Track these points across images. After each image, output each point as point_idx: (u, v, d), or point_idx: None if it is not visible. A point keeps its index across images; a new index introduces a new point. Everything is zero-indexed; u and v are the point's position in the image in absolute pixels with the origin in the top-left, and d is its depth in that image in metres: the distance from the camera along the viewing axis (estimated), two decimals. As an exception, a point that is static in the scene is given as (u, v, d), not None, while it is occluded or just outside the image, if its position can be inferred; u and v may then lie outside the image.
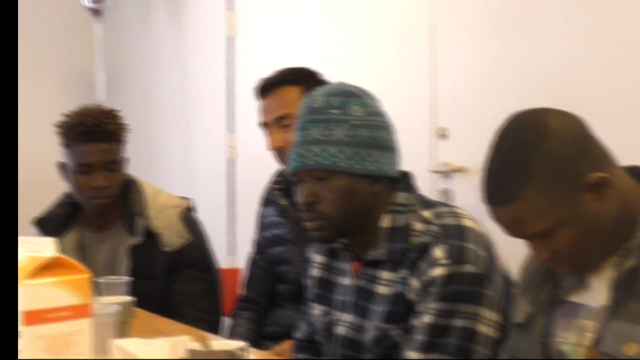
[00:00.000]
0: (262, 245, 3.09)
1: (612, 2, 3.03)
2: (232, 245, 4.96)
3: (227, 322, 3.23)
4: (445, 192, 3.63)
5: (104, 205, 3.04)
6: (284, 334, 2.91)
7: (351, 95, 2.21)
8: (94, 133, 3.00)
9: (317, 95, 2.23)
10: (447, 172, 3.64)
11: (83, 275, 1.49)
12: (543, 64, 3.28)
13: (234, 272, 3.73)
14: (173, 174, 5.46)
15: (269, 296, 3.07)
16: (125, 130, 3.10)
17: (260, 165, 4.66)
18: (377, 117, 2.22)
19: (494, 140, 1.80)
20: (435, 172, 3.66)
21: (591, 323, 1.76)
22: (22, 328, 1.43)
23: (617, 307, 1.71)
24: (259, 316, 3.07)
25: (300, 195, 2.21)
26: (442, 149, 3.67)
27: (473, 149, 3.55)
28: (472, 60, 3.57)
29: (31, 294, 1.44)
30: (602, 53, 3.07)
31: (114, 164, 3.04)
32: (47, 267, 1.47)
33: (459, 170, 3.59)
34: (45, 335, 1.44)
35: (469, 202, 3.43)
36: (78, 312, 1.47)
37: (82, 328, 1.48)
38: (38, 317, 1.44)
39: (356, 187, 2.18)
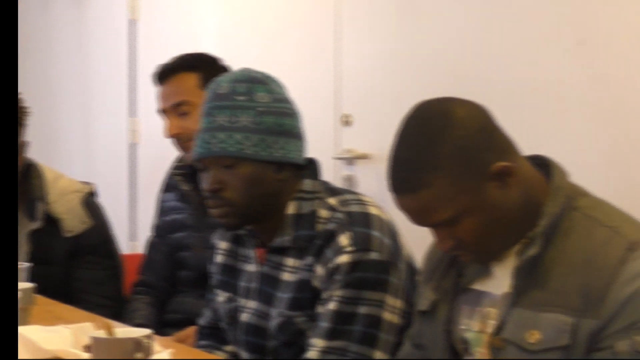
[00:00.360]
0: (162, 230, 3.07)
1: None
2: (133, 231, 4.91)
3: (129, 307, 3.19)
4: (349, 179, 3.65)
5: None
6: (185, 321, 2.89)
7: (257, 82, 2.20)
8: None
9: (223, 82, 2.22)
10: (351, 159, 3.65)
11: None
12: (445, 51, 3.31)
13: (135, 257, 3.69)
14: (73, 158, 5.39)
15: (169, 280, 3.04)
16: (25, 113, 3.03)
17: (162, 149, 4.62)
18: (284, 104, 2.22)
19: (400, 129, 1.81)
20: (339, 158, 3.67)
21: (494, 311, 1.79)
22: None
23: (519, 295, 1.73)
24: (158, 301, 3.05)
25: (206, 181, 2.19)
26: (345, 136, 3.69)
27: (376, 136, 3.58)
28: (375, 47, 3.59)
29: None
30: (502, 41, 3.11)
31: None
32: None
33: (362, 157, 3.61)
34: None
35: (372, 189, 3.45)
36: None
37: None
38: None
39: (262, 174, 2.17)
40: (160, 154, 4.65)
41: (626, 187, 2.73)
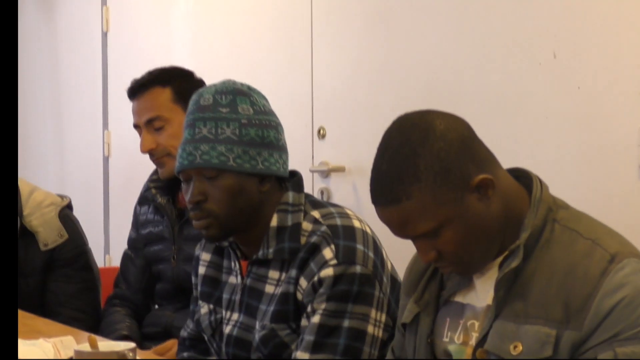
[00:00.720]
0: (138, 242, 3.06)
1: (486, 7, 3.09)
2: (107, 244, 4.89)
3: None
4: (324, 191, 3.66)
5: None
6: (163, 334, 2.89)
7: (240, 94, 2.21)
8: None
9: (206, 93, 2.21)
10: (326, 171, 3.66)
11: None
12: (418, 64, 3.33)
13: (110, 270, 3.68)
14: (45, 170, 5.36)
15: (144, 293, 3.04)
16: None
17: (134, 162, 4.62)
18: (267, 116, 2.22)
19: (381, 141, 1.81)
20: (315, 171, 3.68)
21: (476, 323, 1.80)
22: None
23: (501, 307, 1.74)
24: (134, 313, 3.04)
25: (189, 193, 2.19)
26: (320, 149, 3.70)
27: (350, 149, 3.59)
28: (348, 60, 3.60)
29: None
30: (476, 53, 3.13)
31: None
32: None
33: (336, 169, 3.62)
34: None
35: (347, 201, 3.47)
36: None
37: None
38: None
39: (245, 186, 2.17)
40: (132, 167, 4.65)
41: (599, 197, 2.76)
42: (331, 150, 3.66)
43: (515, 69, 3.01)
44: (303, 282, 2.15)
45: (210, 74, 2.96)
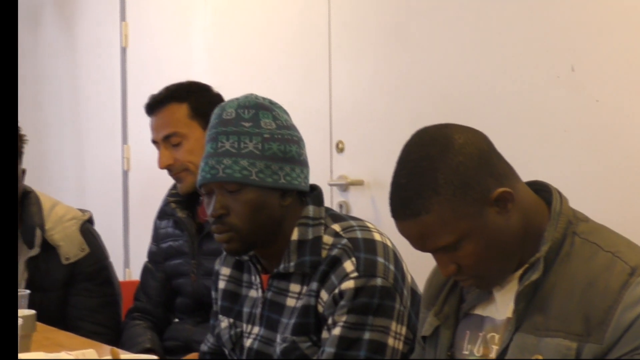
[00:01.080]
0: (158, 256, 3.07)
1: (503, 21, 3.10)
2: (127, 258, 4.91)
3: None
4: (343, 205, 3.66)
5: None
6: (184, 348, 2.90)
7: (263, 108, 2.22)
8: None
9: (229, 107, 2.23)
10: (344, 185, 3.67)
11: (-8, 289, 1.47)
12: (436, 78, 3.33)
13: (130, 284, 3.69)
14: (65, 184, 5.38)
15: (164, 307, 3.05)
16: (23, 141, 3.05)
17: (153, 176, 4.63)
18: (288, 131, 2.23)
19: (400, 155, 1.82)
20: (334, 185, 3.69)
21: (496, 335, 1.80)
22: None
23: (521, 320, 1.75)
24: (155, 327, 3.05)
25: (211, 207, 2.20)
26: (339, 162, 3.71)
27: (368, 162, 3.59)
28: (367, 75, 3.61)
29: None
30: (494, 67, 3.13)
31: None
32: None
33: (355, 183, 3.63)
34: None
35: (366, 215, 3.47)
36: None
37: (-10, 343, 1.45)
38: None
39: (266, 200, 2.18)
40: (151, 181, 4.67)
41: (617, 210, 2.76)
42: (350, 164, 3.67)
43: (533, 82, 3.01)
44: (324, 295, 2.16)
45: (229, 89, 2.98)
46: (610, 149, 2.81)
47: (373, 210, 3.54)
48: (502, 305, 1.82)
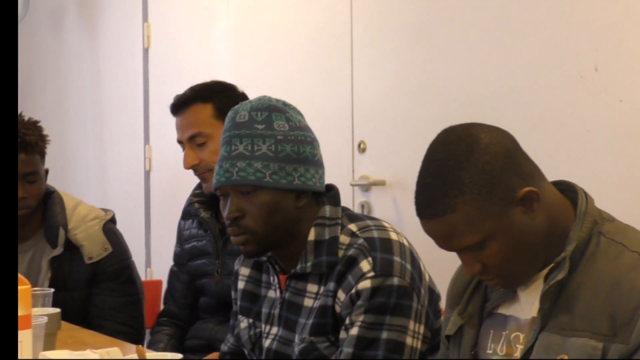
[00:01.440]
0: (182, 258, 3.08)
1: (526, 22, 3.09)
2: (149, 257, 4.93)
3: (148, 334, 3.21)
4: (365, 205, 3.66)
5: (22, 216, 3.00)
6: (206, 346, 2.91)
7: (276, 110, 2.22)
8: None
9: (242, 110, 2.23)
10: (366, 185, 3.67)
11: (24, 287, 1.48)
12: (459, 78, 3.33)
13: (151, 284, 3.71)
14: (87, 184, 5.40)
15: (190, 308, 3.06)
16: (46, 142, 3.07)
17: (175, 176, 4.66)
18: (302, 132, 2.23)
19: (426, 154, 1.82)
20: (356, 185, 3.69)
21: (520, 335, 1.80)
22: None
23: (546, 320, 1.74)
24: (180, 331, 3.06)
25: (226, 209, 2.21)
26: (361, 163, 3.71)
27: (390, 162, 3.60)
28: (389, 75, 3.61)
29: (-28, 305, 1.42)
30: (516, 67, 3.13)
31: (33, 176, 3.00)
32: (-12, 279, 1.47)
33: (377, 183, 3.63)
34: (-14, 347, 1.43)
35: (388, 215, 3.47)
36: (19, 323, 1.46)
37: (22, 339, 1.46)
38: (-22, 328, 1.42)
39: (281, 202, 2.19)
40: (173, 181, 4.68)
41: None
42: (371, 164, 3.67)
43: (556, 82, 3.00)
44: (341, 295, 2.16)
45: (251, 90, 2.98)
46: (634, 148, 2.81)
47: (395, 210, 3.54)
48: (526, 305, 1.81)
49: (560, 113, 3.00)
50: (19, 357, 1.45)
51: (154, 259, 4.90)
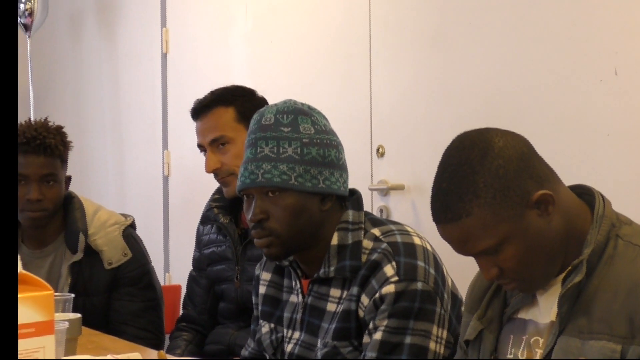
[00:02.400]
0: (201, 263, 3.09)
1: (546, 25, 3.09)
2: (167, 262, 4.94)
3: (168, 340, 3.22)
4: (383, 210, 3.67)
5: (37, 218, 3.02)
6: (226, 352, 2.92)
7: (301, 113, 2.23)
8: (31, 145, 3.00)
9: (268, 113, 2.24)
10: (385, 190, 3.67)
11: (46, 292, 1.49)
12: (478, 83, 3.33)
13: (170, 289, 3.72)
14: (106, 189, 5.42)
15: (210, 313, 3.06)
16: (67, 147, 3.09)
17: (193, 181, 4.67)
18: (327, 136, 2.24)
19: (441, 159, 1.83)
20: (374, 189, 3.69)
21: (540, 339, 1.80)
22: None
23: (565, 323, 1.74)
24: (199, 336, 3.07)
25: (250, 211, 2.22)
26: (379, 167, 3.71)
27: (409, 167, 3.59)
28: (408, 79, 3.61)
29: (-5, 310, 1.43)
30: (536, 71, 3.12)
31: (51, 178, 3.02)
32: (11, 284, 1.48)
33: (396, 188, 3.63)
34: (9, 352, 1.44)
35: (406, 220, 3.47)
36: (42, 328, 1.47)
37: (45, 345, 1.48)
38: (2, 333, 1.44)
39: (306, 205, 2.19)
40: (191, 186, 4.70)
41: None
42: (390, 169, 3.67)
43: (575, 86, 3.00)
44: (364, 300, 2.16)
45: (269, 95, 2.99)
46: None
47: (413, 215, 3.54)
48: (545, 309, 1.82)
49: (579, 116, 2.99)
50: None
51: (173, 264, 4.91)
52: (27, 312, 1.46)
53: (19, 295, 1.46)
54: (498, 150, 1.75)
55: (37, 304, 1.47)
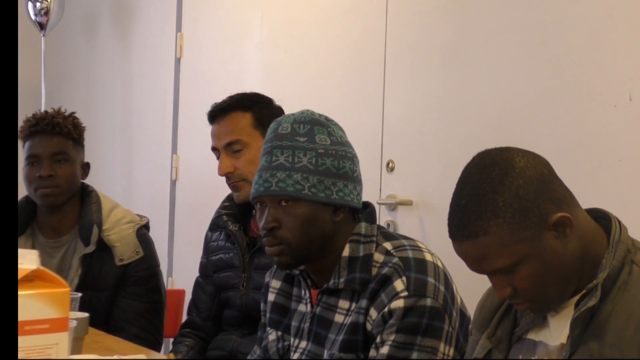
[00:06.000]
0: (208, 269, 3.09)
1: (561, 48, 3.09)
2: (170, 267, 4.94)
3: (168, 343, 3.22)
4: (390, 224, 3.66)
5: (50, 195, 3.04)
6: (228, 358, 2.91)
7: (318, 124, 2.23)
8: (40, 125, 3.06)
9: (284, 122, 2.25)
10: (393, 205, 3.67)
11: (62, 289, 1.49)
12: (489, 102, 3.33)
13: (173, 293, 3.72)
14: (113, 191, 5.41)
15: (214, 320, 3.06)
16: (78, 128, 3.12)
17: (200, 186, 4.67)
18: (343, 147, 2.24)
19: (460, 176, 1.83)
20: (382, 204, 3.69)
21: (550, 361, 1.80)
22: None
23: (576, 346, 1.74)
24: (201, 342, 3.06)
25: (263, 219, 2.22)
26: (389, 181, 3.71)
27: (418, 183, 3.59)
28: (420, 95, 3.61)
29: (11, 305, 1.43)
30: (549, 94, 3.12)
31: (61, 156, 3.07)
32: (28, 279, 1.48)
33: (404, 203, 3.63)
34: (23, 347, 1.44)
35: (413, 236, 3.42)
36: (56, 325, 1.47)
37: (59, 341, 1.48)
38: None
39: (318, 215, 2.20)
40: (199, 191, 4.70)
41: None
42: (399, 184, 3.67)
43: (590, 111, 3.00)
44: (373, 313, 2.16)
45: (282, 105, 3.00)
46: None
47: (421, 231, 3.54)
48: (556, 331, 1.81)
49: (592, 141, 2.99)
50: (55, 359, 1.46)
51: (176, 269, 4.91)
52: (43, 308, 1.46)
53: (35, 291, 1.47)
54: (519, 170, 1.76)
55: (53, 301, 1.47)
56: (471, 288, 2.29)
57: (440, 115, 3.52)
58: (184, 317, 3.24)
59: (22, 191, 3.14)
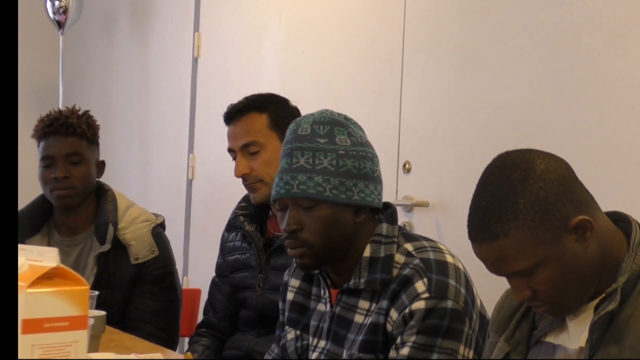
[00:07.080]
0: (224, 269, 3.09)
1: (579, 50, 3.08)
2: (186, 266, 4.94)
3: (183, 342, 3.22)
4: (407, 226, 3.66)
5: (66, 197, 3.05)
6: (244, 358, 2.91)
7: (338, 125, 2.23)
8: (54, 126, 3.05)
9: (304, 123, 2.24)
10: (409, 206, 3.66)
11: (82, 287, 1.50)
12: (506, 103, 3.32)
13: (188, 292, 3.72)
14: (129, 190, 5.40)
15: (230, 320, 3.06)
16: (93, 128, 3.12)
17: (216, 186, 4.67)
18: (363, 148, 2.24)
19: (481, 178, 1.82)
20: (399, 205, 3.68)
21: (568, 365, 1.80)
22: (19, 336, 1.43)
23: (595, 350, 1.73)
24: (217, 342, 3.07)
25: (284, 222, 2.22)
26: (405, 183, 3.70)
27: (435, 184, 3.59)
28: (437, 96, 3.60)
29: (30, 302, 1.43)
30: (567, 95, 3.11)
31: (76, 157, 3.06)
32: (47, 277, 1.48)
33: (420, 204, 3.62)
34: (42, 345, 1.43)
35: (429, 237, 3.45)
36: (75, 323, 1.47)
37: (78, 339, 1.48)
38: (36, 325, 1.43)
39: (340, 217, 2.19)
40: (215, 191, 4.70)
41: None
42: (416, 185, 3.66)
43: (608, 113, 2.99)
44: (394, 314, 2.16)
45: (299, 105, 2.99)
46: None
47: (437, 232, 3.53)
48: (574, 334, 1.81)
49: (610, 144, 2.98)
50: (73, 357, 1.46)
51: (192, 268, 4.91)
52: (63, 305, 1.46)
53: (55, 289, 1.47)
54: (540, 173, 1.75)
55: (72, 298, 1.47)
56: (488, 290, 2.29)
57: (457, 117, 3.51)
58: (200, 317, 3.24)
59: (38, 190, 3.15)
